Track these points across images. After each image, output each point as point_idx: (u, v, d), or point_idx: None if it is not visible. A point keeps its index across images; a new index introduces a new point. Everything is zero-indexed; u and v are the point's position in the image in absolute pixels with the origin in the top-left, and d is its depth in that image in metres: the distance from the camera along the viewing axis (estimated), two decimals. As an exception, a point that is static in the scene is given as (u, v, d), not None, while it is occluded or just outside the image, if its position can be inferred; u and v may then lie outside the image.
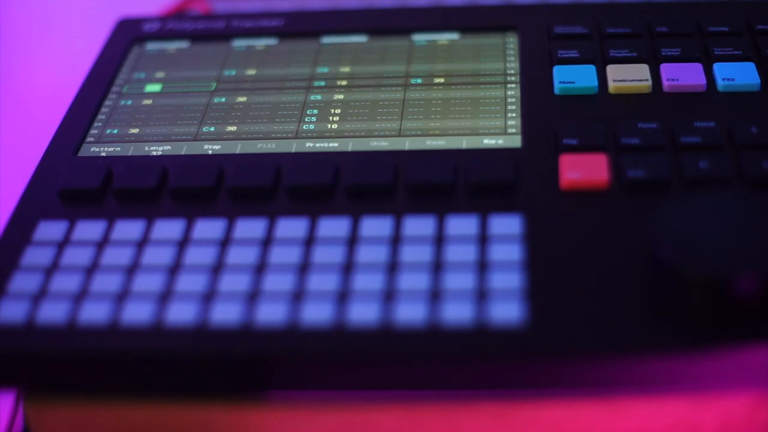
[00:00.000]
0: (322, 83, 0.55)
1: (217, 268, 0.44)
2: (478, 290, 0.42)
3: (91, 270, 0.45)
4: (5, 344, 0.42)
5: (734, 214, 0.41)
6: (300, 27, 0.59)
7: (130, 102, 0.55)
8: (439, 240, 0.44)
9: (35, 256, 0.46)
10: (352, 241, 0.45)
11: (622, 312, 0.41)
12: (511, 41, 0.57)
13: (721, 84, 0.51)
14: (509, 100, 0.52)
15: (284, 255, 0.44)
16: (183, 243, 0.46)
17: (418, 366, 0.41)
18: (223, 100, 0.55)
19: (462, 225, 0.45)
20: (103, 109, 0.55)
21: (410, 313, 0.41)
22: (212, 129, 0.52)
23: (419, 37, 0.58)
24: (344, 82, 0.55)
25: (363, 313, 0.42)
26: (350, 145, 0.50)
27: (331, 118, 0.52)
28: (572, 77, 0.52)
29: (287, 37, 0.59)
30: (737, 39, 0.54)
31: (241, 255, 0.45)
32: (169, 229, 0.46)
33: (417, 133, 0.51)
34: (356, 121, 0.52)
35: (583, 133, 0.49)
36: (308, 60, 0.57)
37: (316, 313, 0.42)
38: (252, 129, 0.52)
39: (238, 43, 0.59)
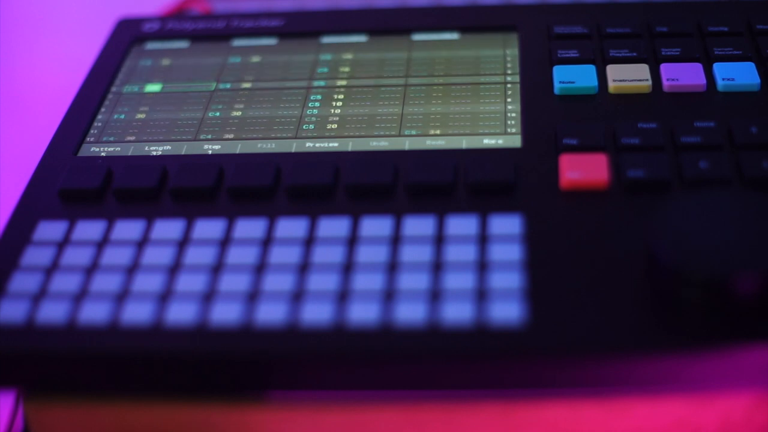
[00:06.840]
0: (326, 69, 0.55)
1: (217, 268, 0.44)
2: (478, 290, 0.42)
3: (91, 270, 0.45)
4: (5, 344, 0.42)
5: (734, 214, 0.41)
6: (300, 27, 0.59)
7: (130, 102, 0.55)
8: (439, 240, 0.44)
9: (35, 256, 0.46)
10: (352, 241, 0.45)
11: (622, 312, 0.41)
12: (511, 41, 0.57)
13: (721, 84, 0.51)
14: (509, 99, 0.52)
15: (284, 255, 0.44)
16: (183, 243, 0.46)
17: (418, 366, 0.41)
18: (228, 85, 0.55)
19: (462, 225, 0.45)
20: (103, 109, 0.55)
21: (410, 313, 0.41)
22: (217, 114, 0.53)
23: (419, 37, 0.58)
24: (347, 69, 0.55)
25: (363, 313, 0.42)
26: (350, 145, 0.50)
27: (334, 103, 0.53)
28: (572, 77, 0.52)
29: (287, 37, 0.59)
30: (737, 39, 0.54)
31: (241, 255, 0.45)
32: (169, 229, 0.46)
33: (417, 133, 0.51)
34: (359, 106, 0.52)
35: (583, 133, 0.49)
36: (310, 53, 0.57)
37: (316, 313, 0.42)
38: (256, 114, 0.53)
39: (238, 43, 0.59)
